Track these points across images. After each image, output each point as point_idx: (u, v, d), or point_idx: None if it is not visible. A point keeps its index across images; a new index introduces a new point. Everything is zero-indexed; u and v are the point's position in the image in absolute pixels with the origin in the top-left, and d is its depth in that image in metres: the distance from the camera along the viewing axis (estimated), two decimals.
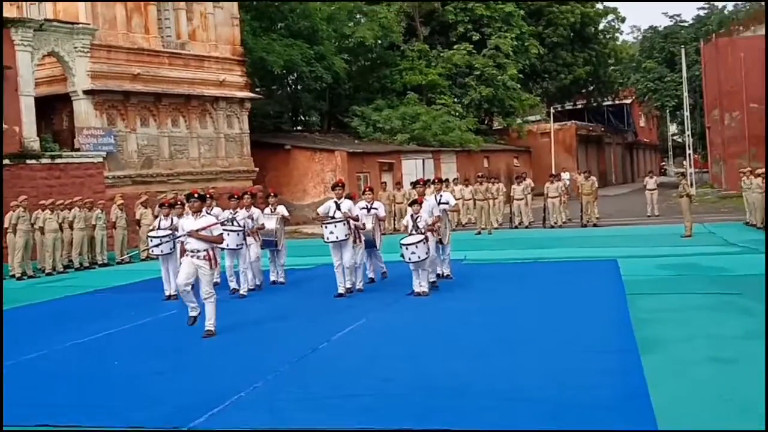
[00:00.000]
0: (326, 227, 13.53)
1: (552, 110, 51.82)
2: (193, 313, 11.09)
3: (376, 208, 14.74)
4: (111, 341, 11.16)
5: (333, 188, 14.12)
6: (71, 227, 21.18)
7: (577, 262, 17.62)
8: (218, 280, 15.77)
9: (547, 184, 28.52)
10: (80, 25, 26.68)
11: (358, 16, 44.62)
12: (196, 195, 11.23)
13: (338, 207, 13.69)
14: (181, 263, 11.11)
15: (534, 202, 30.26)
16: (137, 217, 22.74)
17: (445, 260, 15.22)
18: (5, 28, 24.57)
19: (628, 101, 65.38)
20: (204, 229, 10.80)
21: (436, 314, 11.94)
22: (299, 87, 43.31)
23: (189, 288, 10.89)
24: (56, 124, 28.21)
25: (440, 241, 14.60)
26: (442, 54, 45.10)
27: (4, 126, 24.32)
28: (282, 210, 16.04)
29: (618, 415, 6.55)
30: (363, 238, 14.30)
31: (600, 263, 16.83)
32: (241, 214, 14.92)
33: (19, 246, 19.83)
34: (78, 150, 26.53)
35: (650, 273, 14.84)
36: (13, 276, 19.83)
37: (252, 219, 15.01)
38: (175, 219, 13.94)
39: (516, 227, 28.13)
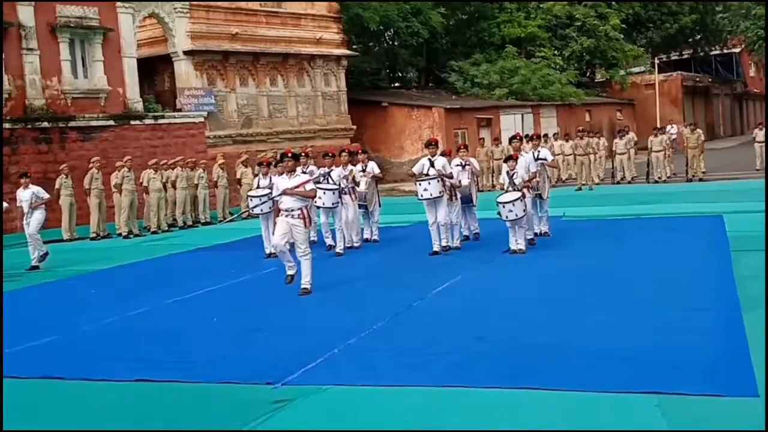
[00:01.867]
0: (420, 184, 13.45)
1: (657, 61, 50.23)
2: (290, 272, 11.22)
3: (470, 164, 14.59)
4: (211, 298, 11.41)
5: (426, 146, 13.98)
6: (174, 186, 21.68)
7: (680, 218, 17.10)
8: (315, 238, 15.95)
9: (651, 138, 27.73)
10: None
11: None
12: (289, 154, 11.30)
13: (432, 164, 13.57)
14: (276, 223, 11.21)
15: (637, 156, 29.50)
16: (238, 176, 23.08)
17: (543, 217, 15.00)
18: None
19: (738, 50, 62.73)
20: (298, 186, 10.88)
21: (533, 272, 11.78)
22: (396, 43, 43.12)
23: (286, 247, 11.00)
24: (158, 85, 28.84)
25: (539, 196, 14.39)
26: (541, 5, 44.07)
27: (109, 87, 25.00)
28: (373, 167, 16.01)
29: (717, 376, 6.31)
30: (459, 195, 14.17)
31: (705, 219, 16.31)
32: (337, 172, 14.95)
33: (125, 205, 20.39)
34: (180, 110, 27.11)
35: (756, 229, 14.19)
36: (119, 234, 20.46)
37: (347, 179, 15.03)
38: (275, 177, 14.07)
39: (618, 183, 27.52)
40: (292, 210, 10.86)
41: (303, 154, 16.03)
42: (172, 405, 6.62)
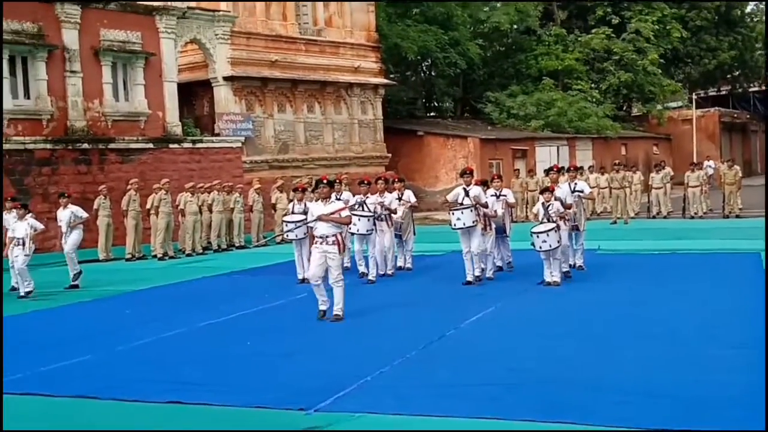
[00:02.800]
0: (453, 213, 13.44)
1: (694, 96, 49.95)
2: (322, 307, 11.10)
3: (505, 195, 14.57)
4: (244, 322, 11.46)
5: (461, 175, 13.99)
6: (210, 210, 21.85)
7: (717, 254, 16.93)
8: (348, 265, 15.98)
9: (688, 173, 27.56)
10: (221, 13, 27.45)
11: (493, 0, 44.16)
12: (324, 181, 11.35)
13: (467, 193, 13.56)
14: (310, 249, 11.22)
15: (673, 191, 29.29)
16: (273, 201, 23.21)
17: (578, 250, 14.92)
18: (150, 15, 25.51)
19: None
20: (333, 213, 10.91)
21: (567, 305, 11.71)
22: (433, 73, 43.30)
23: (320, 282, 10.99)
24: (197, 110, 29.14)
25: (576, 228, 14.33)
26: (579, 38, 44.07)
27: (149, 111, 25.32)
28: (409, 196, 16.06)
29: (755, 414, 6.21)
30: (493, 225, 14.14)
31: (742, 256, 16.15)
32: (372, 199, 14.99)
33: (161, 227, 20.58)
34: (218, 135, 27.36)
35: None
36: (155, 256, 20.63)
37: (382, 206, 15.05)
38: (309, 203, 14.13)
39: (654, 217, 27.33)
40: (327, 236, 10.89)
41: (337, 180, 16.09)
42: (205, 428, 6.62)
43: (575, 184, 14.89)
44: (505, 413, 6.51)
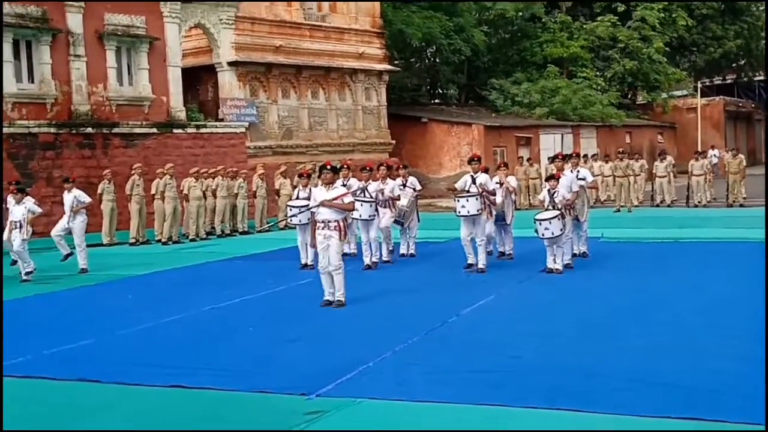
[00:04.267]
0: (458, 201, 13.42)
1: (699, 85, 49.77)
2: (329, 297, 11.10)
3: (506, 183, 14.55)
4: (247, 307, 11.49)
5: (469, 162, 13.96)
6: (214, 195, 21.83)
7: (720, 243, 16.91)
8: (355, 251, 15.97)
9: (692, 162, 27.50)
10: None
11: None
12: (329, 166, 11.33)
13: (474, 181, 13.54)
14: (313, 235, 11.17)
15: (677, 180, 29.23)
16: (276, 187, 23.15)
17: (582, 237, 14.90)
18: (154, 0, 25.44)
19: None
20: (336, 199, 10.89)
21: (569, 292, 11.71)
22: (437, 60, 43.20)
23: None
24: (201, 95, 29.11)
25: (577, 218, 14.30)
26: (585, 26, 43.91)
27: (153, 95, 25.30)
28: (414, 183, 16.07)
29: (756, 405, 6.22)
30: (494, 212, 14.12)
31: (745, 245, 16.13)
32: (373, 185, 14.98)
33: (169, 212, 20.55)
34: (222, 120, 27.34)
35: None
36: (158, 241, 20.65)
37: (383, 193, 15.03)
38: (313, 189, 14.11)
39: (657, 205, 27.28)
40: (329, 221, 10.86)
41: (344, 166, 16.07)
42: (206, 412, 6.65)
43: (578, 171, 14.86)
44: (506, 400, 6.54)
